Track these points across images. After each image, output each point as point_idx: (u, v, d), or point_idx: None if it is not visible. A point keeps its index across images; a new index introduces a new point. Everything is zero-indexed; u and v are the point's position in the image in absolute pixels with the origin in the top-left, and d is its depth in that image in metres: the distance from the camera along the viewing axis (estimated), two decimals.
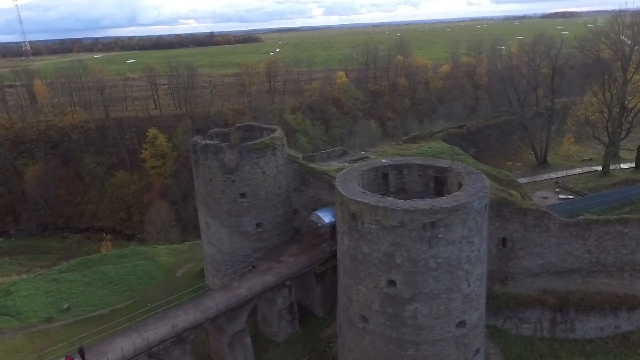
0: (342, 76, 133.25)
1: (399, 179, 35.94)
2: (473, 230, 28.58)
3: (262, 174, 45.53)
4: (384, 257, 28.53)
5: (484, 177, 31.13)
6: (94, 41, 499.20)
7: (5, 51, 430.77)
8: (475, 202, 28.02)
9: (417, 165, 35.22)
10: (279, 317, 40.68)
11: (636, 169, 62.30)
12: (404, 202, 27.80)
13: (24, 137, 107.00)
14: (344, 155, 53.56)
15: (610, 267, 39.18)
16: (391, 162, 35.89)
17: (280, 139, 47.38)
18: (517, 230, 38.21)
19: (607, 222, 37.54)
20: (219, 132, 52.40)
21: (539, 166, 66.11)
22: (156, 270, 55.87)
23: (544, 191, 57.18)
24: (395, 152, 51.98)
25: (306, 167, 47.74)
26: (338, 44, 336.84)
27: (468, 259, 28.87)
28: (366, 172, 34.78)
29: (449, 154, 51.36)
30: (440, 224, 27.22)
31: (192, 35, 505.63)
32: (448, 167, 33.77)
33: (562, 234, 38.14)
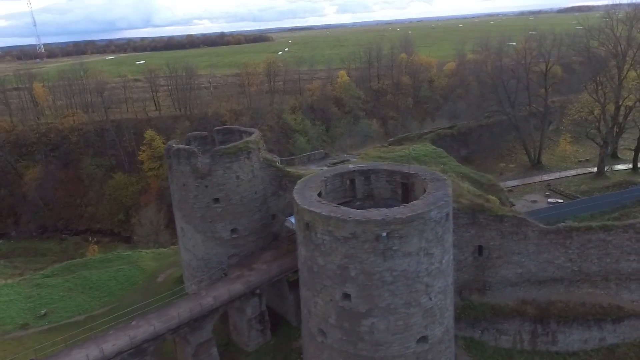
0: (343, 75, 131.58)
1: (366, 185, 34.49)
2: (432, 242, 27.04)
3: (235, 179, 44.44)
4: (337, 269, 27.20)
5: (447, 185, 29.51)
6: (107, 43, 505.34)
7: (21, 54, 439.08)
8: (433, 211, 26.47)
9: (383, 170, 33.72)
10: (249, 327, 39.58)
11: (633, 170, 59.59)
12: (357, 212, 26.38)
13: (24, 139, 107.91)
14: (325, 158, 52.24)
15: (594, 276, 37.20)
16: (357, 168, 34.43)
17: (256, 142, 46.21)
18: (493, 237, 36.50)
19: (589, 230, 35.56)
20: (198, 136, 51.47)
21: (533, 168, 63.68)
22: (138, 275, 55.29)
23: (533, 194, 54.94)
24: (378, 154, 50.45)
25: (283, 171, 46.52)
26: (347, 42, 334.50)
27: (428, 271, 27.35)
28: (330, 179, 33.42)
29: (432, 156, 49.68)
30: (394, 235, 25.75)
31: (204, 35, 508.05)
32: (414, 172, 32.17)
33: (542, 241, 36.32)
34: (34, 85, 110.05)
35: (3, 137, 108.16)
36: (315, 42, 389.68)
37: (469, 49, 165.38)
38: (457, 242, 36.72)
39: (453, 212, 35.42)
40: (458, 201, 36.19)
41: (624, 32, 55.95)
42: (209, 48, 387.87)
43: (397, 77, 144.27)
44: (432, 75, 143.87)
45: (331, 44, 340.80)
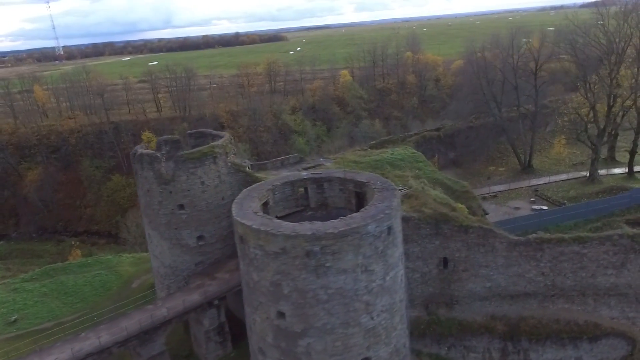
0: (345, 75, 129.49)
1: (320, 194, 32.69)
2: (372, 257, 25.13)
3: (200, 185, 43.08)
4: (271, 285, 25.55)
5: (394, 195, 27.51)
6: (125, 44, 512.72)
7: (42, 56, 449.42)
8: (370, 225, 24.56)
9: (337, 179, 31.85)
10: (207, 339, 38.22)
11: (629, 175, 56.04)
12: (287, 226, 24.66)
13: (26, 141, 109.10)
14: (300, 162, 50.45)
15: (569, 291, 34.66)
16: (310, 176, 32.67)
17: (223, 147, 44.74)
18: (459, 249, 34.30)
19: (561, 242, 33.07)
20: (169, 140, 50.35)
21: (523, 172, 60.62)
22: (114, 280, 54.62)
23: (518, 200, 52.14)
24: (354, 159, 48.54)
25: (252, 177, 44.89)
26: (361, 40, 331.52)
27: (368, 289, 25.46)
28: (279, 187, 31.74)
29: (409, 161, 47.50)
30: (326, 251, 23.94)
31: (220, 35, 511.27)
32: (366, 181, 30.24)
33: (511, 254, 33.95)
34: (35, 88, 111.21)
35: (6, 139, 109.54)
36: (329, 41, 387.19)
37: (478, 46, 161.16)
38: (420, 254, 34.85)
39: (415, 222, 33.61)
40: (420, 210, 34.18)
41: (619, 28, 52.57)
42: (223, 48, 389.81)
43: (402, 76, 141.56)
44: (439, 74, 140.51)
45: (344, 42, 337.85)
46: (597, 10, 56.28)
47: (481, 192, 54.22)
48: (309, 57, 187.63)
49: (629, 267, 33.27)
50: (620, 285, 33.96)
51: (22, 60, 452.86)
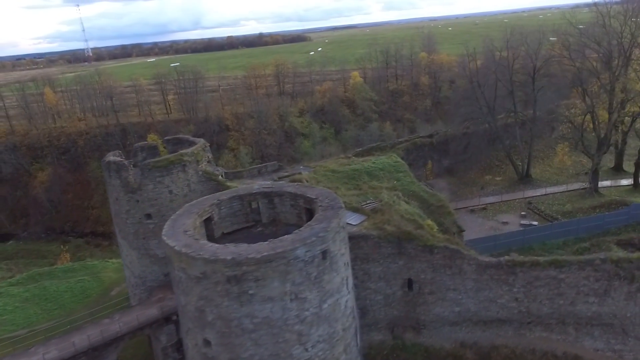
0: (356, 76, 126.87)
1: (271, 209, 30.70)
2: (303, 284, 23.01)
3: (168, 194, 41.69)
4: (196, 311, 23.76)
5: (337, 215, 25.25)
6: (152, 45, 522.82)
7: (73, 57, 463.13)
8: (299, 250, 22.44)
9: (288, 194, 29.79)
10: (164, 355, 36.72)
11: (634, 187, 51.52)
12: (208, 249, 22.79)
13: (38, 143, 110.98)
14: (278, 170, 48.51)
15: (547, 319, 31.55)
16: (260, 190, 30.72)
17: (194, 154, 43.27)
18: (424, 270, 31.72)
19: (535, 265, 30.06)
20: (146, 146, 49.36)
21: (520, 182, 56.72)
22: (94, 287, 54.07)
23: (508, 214, 48.59)
24: (334, 167, 46.28)
25: (224, 186, 43.28)
26: (384, 40, 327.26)
27: (300, 318, 23.34)
28: (226, 202, 29.92)
29: (390, 170, 44.91)
30: (248, 277, 21.96)
31: (244, 36, 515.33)
32: (314, 197, 28.05)
33: (481, 277, 31.14)
34: (46, 91, 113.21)
35: (19, 140, 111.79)
36: (352, 41, 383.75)
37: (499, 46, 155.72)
38: (383, 274, 32.44)
39: (375, 241, 31.31)
40: (382, 228, 31.77)
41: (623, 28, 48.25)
42: (246, 49, 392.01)
43: (416, 77, 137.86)
44: (454, 75, 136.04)
45: (366, 42, 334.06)
46: (597, 9, 51.99)
47: (470, 204, 50.94)
48: (328, 57, 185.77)
49: (613, 295, 29.96)
50: (604, 315, 30.66)
51: (54, 61, 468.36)
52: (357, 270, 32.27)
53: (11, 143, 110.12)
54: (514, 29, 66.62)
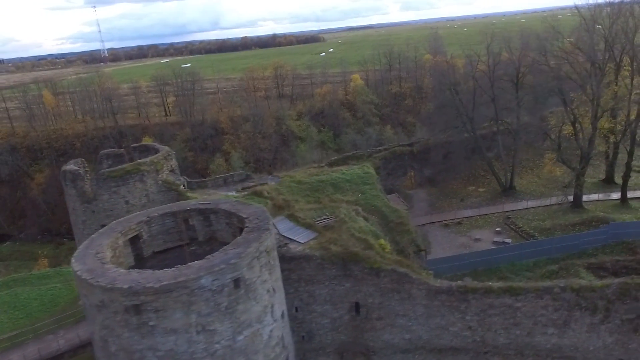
0: (356, 79, 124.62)
1: (207, 227, 28.99)
2: (212, 315, 21.21)
3: (125, 204, 40.62)
4: (100, 341, 22.18)
5: (258, 239, 23.37)
6: (168, 46, 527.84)
7: (90, 58, 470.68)
8: (205, 278, 20.65)
9: (222, 211, 28.03)
10: None
11: (622, 202, 47.99)
12: (108, 276, 21.15)
13: (37, 144, 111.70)
14: (246, 180, 46.83)
15: (504, 349, 29.09)
16: (195, 206, 29.03)
17: (153, 163, 42.07)
18: (371, 294, 29.65)
19: (489, 292, 27.71)
20: (112, 153, 48.33)
21: (503, 194, 53.72)
22: (65, 295, 52.88)
23: (484, 230, 45.82)
24: (300, 178, 44.35)
25: (184, 196, 41.85)
26: (397, 40, 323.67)
27: (209, 352, 21.55)
28: (157, 218, 28.28)
29: (357, 182, 42.76)
30: (147, 308, 20.27)
31: (258, 37, 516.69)
32: (246, 217, 26.23)
33: (432, 303, 28.91)
34: (44, 93, 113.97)
35: (19, 142, 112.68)
36: (365, 41, 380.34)
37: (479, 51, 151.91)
38: (329, 297, 30.52)
39: (318, 262, 29.39)
40: (327, 248, 29.83)
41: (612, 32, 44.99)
42: (259, 50, 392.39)
43: (419, 80, 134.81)
44: (459, 78, 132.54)
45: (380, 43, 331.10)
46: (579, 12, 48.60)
47: (447, 218, 48.33)
48: (337, 59, 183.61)
49: (574, 326, 27.41)
50: (565, 347, 28.10)
51: (72, 62, 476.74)
52: (301, 292, 30.53)
53: (11, 144, 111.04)
54: (495, 33, 63.78)
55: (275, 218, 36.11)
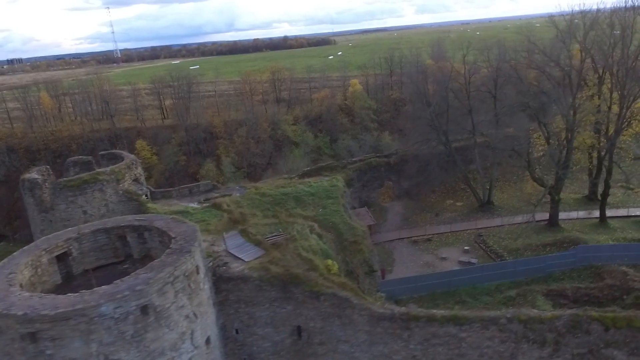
0: (355, 84, 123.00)
1: (142, 244, 27.96)
2: (116, 344, 20.13)
3: (82, 214, 39.93)
4: None
5: (174, 262, 22.25)
6: (181, 47, 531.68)
7: (104, 59, 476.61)
8: (105, 306, 19.57)
9: (156, 229, 26.96)
10: None
11: (600, 221, 45.54)
12: (11, 299, 20.22)
13: (35, 145, 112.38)
14: (212, 190, 45.87)
15: None
16: (130, 223, 28.01)
17: (114, 172, 41.35)
18: (313, 318, 28.30)
19: (432, 320, 26.15)
20: (79, 161, 47.78)
21: (480, 209, 51.61)
22: None
23: (453, 247, 43.92)
24: (265, 190, 43.16)
25: (144, 206, 41.03)
26: (408, 44, 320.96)
27: None
28: (89, 235, 27.34)
29: (321, 196, 41.39)
30: (43, 336, 19.25)
31: (270, 39, 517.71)
32: (174, 236, 25.15)
33: (375, 329, 27.44)
34: (41, 95, 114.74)
35: (17, 142, 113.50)
36: (376, 44, 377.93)
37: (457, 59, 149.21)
38: (270, 319, 29.26)
39: (256, 284, 28.20)
40: (267, 269, 28.56)
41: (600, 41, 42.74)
42: (270, 52, 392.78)
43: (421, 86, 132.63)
44: (461, 84, 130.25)
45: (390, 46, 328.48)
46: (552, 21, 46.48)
47: (418, 233, 46.51)
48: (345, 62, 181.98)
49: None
50: None
51: (86, 62, 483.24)
52: (241, 313, 29.32)
53: (8, 145, 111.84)
54: (471, 42, 61.92)
55: (228, 233, 35.11)
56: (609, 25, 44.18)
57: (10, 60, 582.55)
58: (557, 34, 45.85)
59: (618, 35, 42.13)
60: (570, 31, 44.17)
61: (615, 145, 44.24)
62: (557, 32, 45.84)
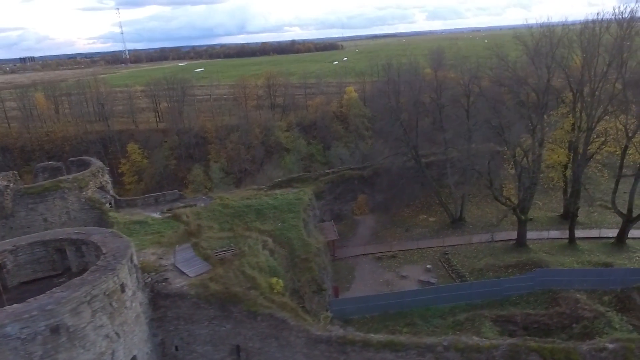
0: (350, 91, 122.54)
1: (80, 257, 27.58)
2: None
3: (43, 222, 39.76)
4: None
5: (94, 280, 21.80)
6: (189, 49, 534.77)
7: (113, 59, 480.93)
8: (10, 326, 19.15)
9: (91, 243, 26.58)
10: None
11: (569, 242, 44.04)
12: None
13: (29, 146, 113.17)
14: (178, 199, 45.50)
15: None
16: (67, 236, 27.64)
17: (77, 180, 41.19)
18: (251, 338, 27.75)
19: (368, 345, 25.41)
20: (48, 167, 47.69)
21: (451, 225, 50.50)
22: None
23: (416, 265, 42.87)
24: (229, 202, 42.67)
25: (106, 215, 40.77)
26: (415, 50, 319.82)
27: None
28: (25, 247, 27.00)
29: (284, 209, 40.80)
30: None
31: (278, 43, 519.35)
32: (106, 252, 24.73)
33: (312, 352, 26.77)
34: (36, 96, 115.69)
35: (12, 142, 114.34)
36: (383, 50, 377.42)
37: None
38: (210, 337, 28.75)
39: (193, 301, 27.72)
40: (207, 286, 28.05)
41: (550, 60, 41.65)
42: (277, 56, 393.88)
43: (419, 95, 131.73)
44: (457, 94, 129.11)
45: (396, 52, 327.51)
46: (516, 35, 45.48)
47: (382, 250, 45.57)
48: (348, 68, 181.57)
49: None
50: None
51: (95, 62, 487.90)
52: (181, 330, 28.82)
53: (3, 145, 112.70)
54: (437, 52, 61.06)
55: (180, 246, 34.68)
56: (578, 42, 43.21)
57: (22, 58, 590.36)
58: (526, 52, 44.97)
59: (585, 56, 41.11)
60: (537, 49, 43.24)
61: (582, 166, 43.11)
62: (525, 49, 44.98)
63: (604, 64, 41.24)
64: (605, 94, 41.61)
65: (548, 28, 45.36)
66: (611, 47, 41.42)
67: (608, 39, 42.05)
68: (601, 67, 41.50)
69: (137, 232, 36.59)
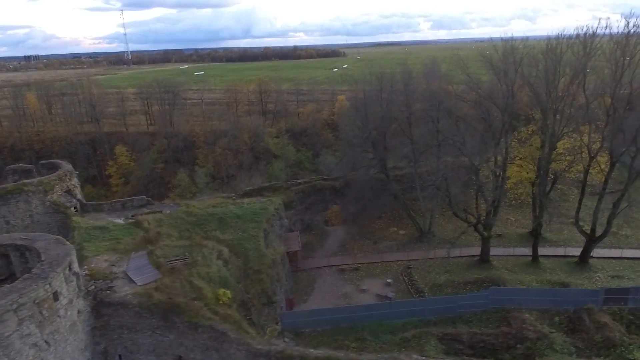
0: (342, 99, 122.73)
1: (24, 263, 27.54)
2: None
3: (5, 224, 39.83)
4: None
5: (25, 288, 21.78)
6: (193, 52, 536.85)
7: (115, 60, 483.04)
8: None
9: (34, 249, 26.56)
10: None
11: (533, 260, 43.78)
12: None
13: (19, 146, 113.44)
14: (146, 205, 45.51)
15: None
16: (15, 241, 27.64)
17: (42, 184, 41.25)
18: (193, 349, 27.64)
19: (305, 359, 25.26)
20: (19, 169, 47.77)
21: (419, 238, 50.31)
22: None
23: (377, 279, 42.62)
24: (195, 209, 42.67)
25: (70, 219, 40.78)
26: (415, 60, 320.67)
27: None
28: None
29: (247, 219, 40.75)
30: None
31: (280, 48, 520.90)
32: (44, 259, 24.70)
33: None
34: (27, 96, 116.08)
35: (2, 141, 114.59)
36: (384, 59, 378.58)
37: None
38: (153, 347, 28.65)
39: (135, 310, 27.64)
40: (150, 295, 27.98)
41: None
42: (277, 62, 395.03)
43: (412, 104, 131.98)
44: (450, 104, 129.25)
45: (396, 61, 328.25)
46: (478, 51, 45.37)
47: (346, 262, 45.36)
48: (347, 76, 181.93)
49: None
50: None
51: (98, 62, 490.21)
52: (125, 339, 28.73)
53: None
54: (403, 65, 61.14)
55: (137, 252, 34.65)
56: (541, 60, 43.26)
57: (28, 56, 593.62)
58: (491, 69, 45.05)
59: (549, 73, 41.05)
60: (500, 66, 43.27)
61: (543, 183, 43.05)
62: (490, 66, 45.06)
63: (566, 82, 41.31)
64: (565, 114, 41.67)
65: (511, 44, 45.28)
66: (574, 65, 41.51)
67: (569, 57, 42.12)
68: (562, 86, 41.54)
69: (96, 238, 36.57)
